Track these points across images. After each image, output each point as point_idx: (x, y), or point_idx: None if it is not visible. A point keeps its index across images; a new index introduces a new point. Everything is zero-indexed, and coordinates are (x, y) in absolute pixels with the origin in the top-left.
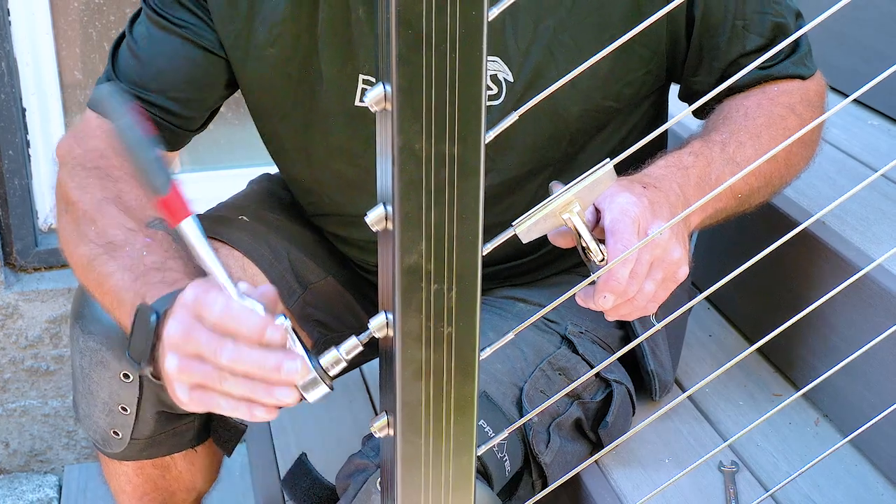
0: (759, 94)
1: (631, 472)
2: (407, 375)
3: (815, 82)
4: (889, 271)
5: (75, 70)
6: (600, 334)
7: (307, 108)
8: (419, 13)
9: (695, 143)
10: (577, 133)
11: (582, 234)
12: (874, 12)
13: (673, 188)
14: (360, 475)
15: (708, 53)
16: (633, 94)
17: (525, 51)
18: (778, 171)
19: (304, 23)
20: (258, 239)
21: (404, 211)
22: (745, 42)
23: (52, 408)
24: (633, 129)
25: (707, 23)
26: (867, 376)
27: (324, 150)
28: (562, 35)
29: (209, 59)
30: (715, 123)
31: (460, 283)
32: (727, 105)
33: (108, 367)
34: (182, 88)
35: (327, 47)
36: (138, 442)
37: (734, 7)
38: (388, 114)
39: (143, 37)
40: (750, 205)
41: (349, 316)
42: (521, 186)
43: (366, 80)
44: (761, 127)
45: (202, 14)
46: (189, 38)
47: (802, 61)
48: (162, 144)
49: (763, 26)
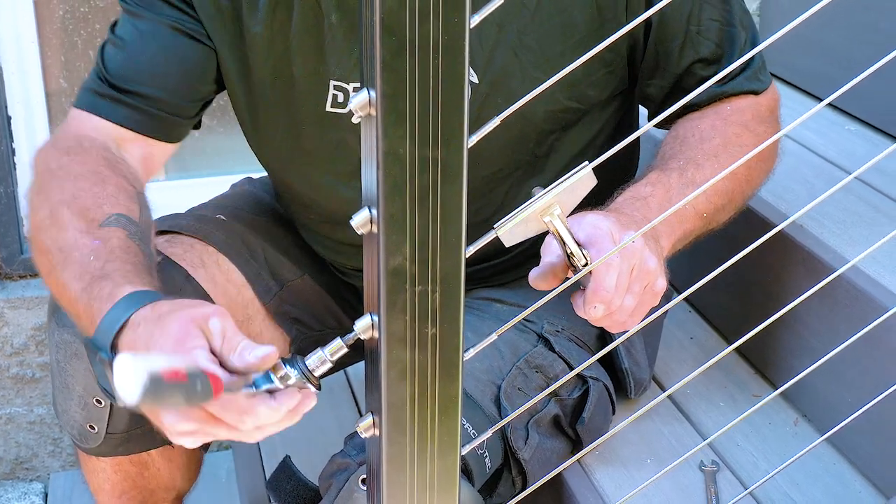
0: (713, 115)
1: (613, 471)
2: (392, 376)
3: (767, 97)
4: (864, 272)
5: (60, 78)
6: (576, 332)
7: (281, 111)
8: (403, 20)
9: (651, 175)
10: (543, 134)
11: (564, 238)
12: (847, 19)
13: (635, 216)
14: (343, 474)
15: (663, 58)
16: (597, 96)
17: (489, 53)
18: (740, 188)
19: (278, 28)
20: (234, 236)
21: (389, 214)
22: (699, 48)
23: (37, 415)
24: (602, 130)
25: (664, 27)
26: (844, 376)
27: (295, 153)
28: (525, 37)
29: (199, 48)
30: (672, 150)
31: (444, 285)
32: (682, 128)
33: (82, 358)
34: (173, 77)
35: (299, 52)
36: (114, 437)
37: (689, 12)
38: (373, 119)
39: (128, 33)
40: (717, 223)
41: (326, 314)
42: (491, 189)
43: (336, 86)
44: (718, 147)
45: (187, 9)
46: (176, 28)
47: (756, 76)
48: (159, 136)
49: (717, 33)
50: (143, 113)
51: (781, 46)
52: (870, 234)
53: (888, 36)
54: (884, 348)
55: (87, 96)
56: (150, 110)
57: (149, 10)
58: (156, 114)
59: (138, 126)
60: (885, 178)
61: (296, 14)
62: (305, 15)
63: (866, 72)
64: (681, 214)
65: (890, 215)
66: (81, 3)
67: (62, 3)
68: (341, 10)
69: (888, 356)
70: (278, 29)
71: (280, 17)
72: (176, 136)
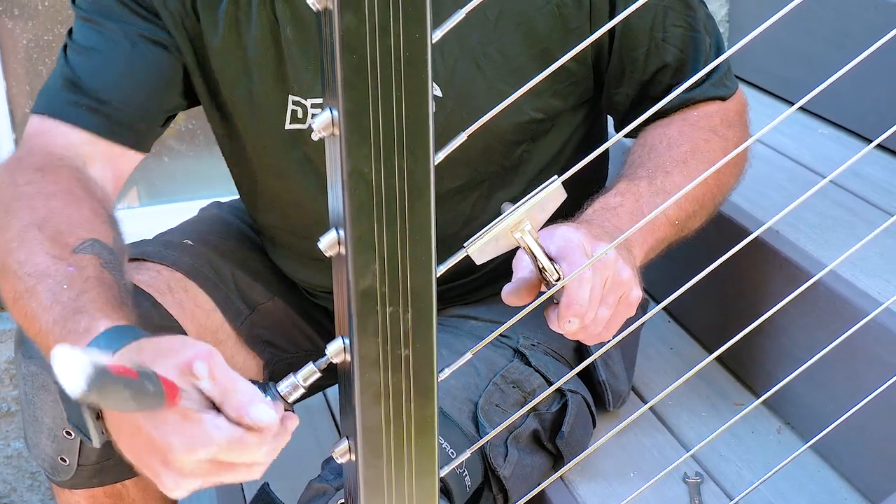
0: (680, 121)
1: (596, 486)
2: (366, 400)
3: (735, 101)
4: (842, 277)
5: (26, 108)
6: (553, 346)
7: (244, 127)
8: (363, 37)
9: (620, 185)
10: (510, 145)
11: (536, 254)
12: (817, 23)
13: (605, 226)
14: (320, 499)
15: (628, 65)
16: (562, 105)
17: (452, 66)
18: (710, 193)
19: (235, 41)
20: (201, 261)
21: (356, 235)
22: (664, 55)
23: (14, 449)
24: (570, 139)
25: (628, 35)
26: (827, 383)
27: (259, 168)
28: (488, 48)
29: (165, 55)
30: (640, 157)
31: (415, 305)
32: (650, 135)
33: (49, 390)
34: (143, 84)
35: (257, 67)
36: (86, 468)
37: (653, 19)
38: (337, 138)
39: (94, 41)
40: (689, 230)
41: (299, 336)
42: (458, 202)
43: (295, 101)
44: (686, 154)
45: (154, 18)
46: (145, 37)
47: (722, 82)
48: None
49: (681, 39)
50: (114, 121)
51: (752, 51)
52: (846, 238)
53: (857, 39)
54: (864, 353)
55: (54, 102)
56: (120, 118)
57: (112, 20)
58: (126, 122)
59: (110, 134)
60: (859, 181)
61: (253, 27)
62: (262, 28)
63: (836, 74)
64: (652, 223)
65: (866, 219)
66: (45, 32)
67: (25, 31)
68: (296, 24)
69: (868, 361)
70: (235, 42)
71: (238, 29)
72: (145, 146)
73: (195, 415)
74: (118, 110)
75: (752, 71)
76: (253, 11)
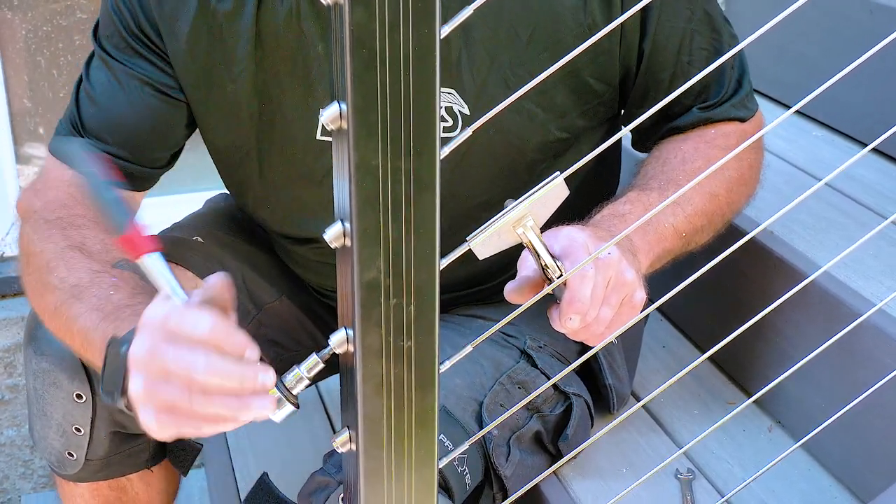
0: (697, 137)
1: (590, 482)
2: (368, 390)
3: (753, 123)
4: (835, 278)
5: (24, 98)
6: (559, 348)
7: (268, 140)
8: (373, 32)
9: (630, 193)
10: (533, 163)
11: (538, 250)
12: (810, 25)
13: (612, 231)
14: (322, 492)
15: (653, 87)
16: (586, 125)
17: (481, 84)
18: (720, 210)
19: (262, 60)
20: (212, 260)
21: (362, 227)
22: (688, 78)
23: (7, 437)
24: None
25: (655, 58)
26: (818, 383)
27: (285, 178)
28: (518, 69)
29: (169, 103)
30: (653, 169)
31: (419, 298)
32: (665, 148)
33: (61, 387)
34: (143, 134)
35: (287, 83)
36: (93, 463)
37: (680, 43)
38: (344, 132)
39: (100, 83)
40: (695, 244)
41: (304, 335)
42: (480, 216)
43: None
44: (700, 170)
45: (158, 61)
46: (148, 83)
47: (743, 104)
48: (127, 185)
49: (705, 63)
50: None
51: (745, 53)
52: (840, 240)
53: (851, 41)
54: (855, 353)
55: (59, 144)
56: (119, 164)
57: (120, 59)
58: (125, 167)
59: None
60: (853, 183)
61: (281, 46)
62: (290, 47)
63: (834, 78)
64: (660, 233)
65: (859, 220)
66: (44, 23)
67: (24, 22)
68: (327, 42)
69: (860, 360)
70: (261, 60)
71: (264, 50)
72: (145, 186)
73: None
74: (117, 159)
75: None
76: (279, 30)
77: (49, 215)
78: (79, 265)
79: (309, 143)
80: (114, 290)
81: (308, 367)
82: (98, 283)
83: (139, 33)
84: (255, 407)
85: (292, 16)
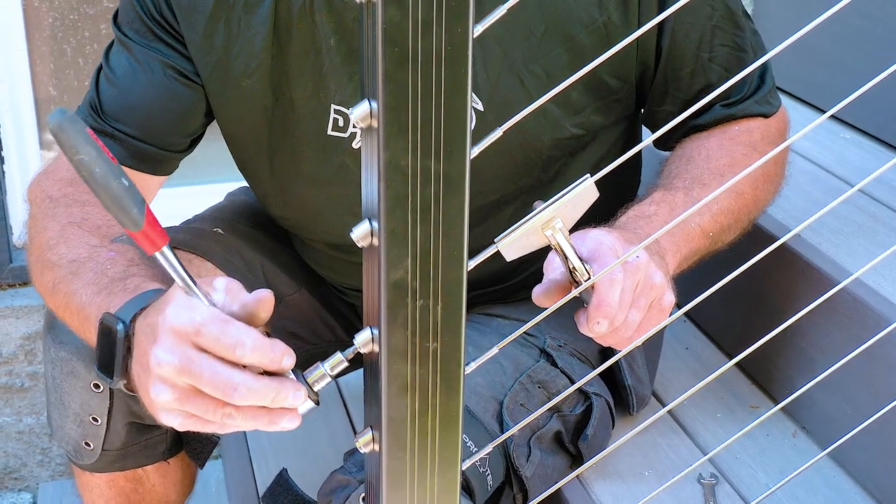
0: (720, 134)
1: (611, 485)
2: (392, 391)
3: (777, 119)
4: (865, 284)
5: (49, 86)
6: (579, 347)
7: (279, 136)
8: (405, 31)
9: (656, 194)
10: (549, 160)
11: (566, 252)
12: (839, 26)
13: (639, 233)
14: (343, 492)
15: (672, 84)
16: (602, 122)
17: (495, 81)
18: (746, 208)
19: (277, 53)
20: (232, 251)
21: (390, 227)
22: (709, 74)
23: (26, 425)
24: (608, 153)
25: (674, 54)
26: (844, 388)
27: (293, 176)
28: (532, 65)
29: (189, 86)
30: (677, 168)
31: (446, 299)
32: (688, 146)
33: (78, 377)
34: (162, 116)
35: (299, 77)
36: (110, 453)
37: (700, 39)
38: (374, 131)
39: (120, 66)
40: (722, 243)
41: (324, 328)
42: (495, 213)
43: (337, 110)
44: (724, 167)
45: (178, 46)
46: (169, 66)
47: (767, 99)
48: (146, 168)
49: (727, 59)
50: (133, 149)
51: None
52: (868, 245)
53: (880, 43)
54: (884, 360)
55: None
56: (139, 146)
57: (140, 44)
58: (145, 150)
59: (128, 161)
60: (882, 187)
61: (294, 39)
62: (303, 39)
63: (871, 82)
64: (686, 233)
65: (888, 225)
66: (70, 11)
67: (51, 10)
68: (339, 35)
69: (888, 368)
70: (277, 55)
71: (279, 43)
72: (166, 170)
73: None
74: (136, 141)
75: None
76: (293, 23)
77: (55, 193)
78: (78, 241)
79: (318, 138)
80: (111, 264)
81: (332, 364)
82: (95, 257)
83: (160, 18)
84: (284, 423)
85: (305, 8)
